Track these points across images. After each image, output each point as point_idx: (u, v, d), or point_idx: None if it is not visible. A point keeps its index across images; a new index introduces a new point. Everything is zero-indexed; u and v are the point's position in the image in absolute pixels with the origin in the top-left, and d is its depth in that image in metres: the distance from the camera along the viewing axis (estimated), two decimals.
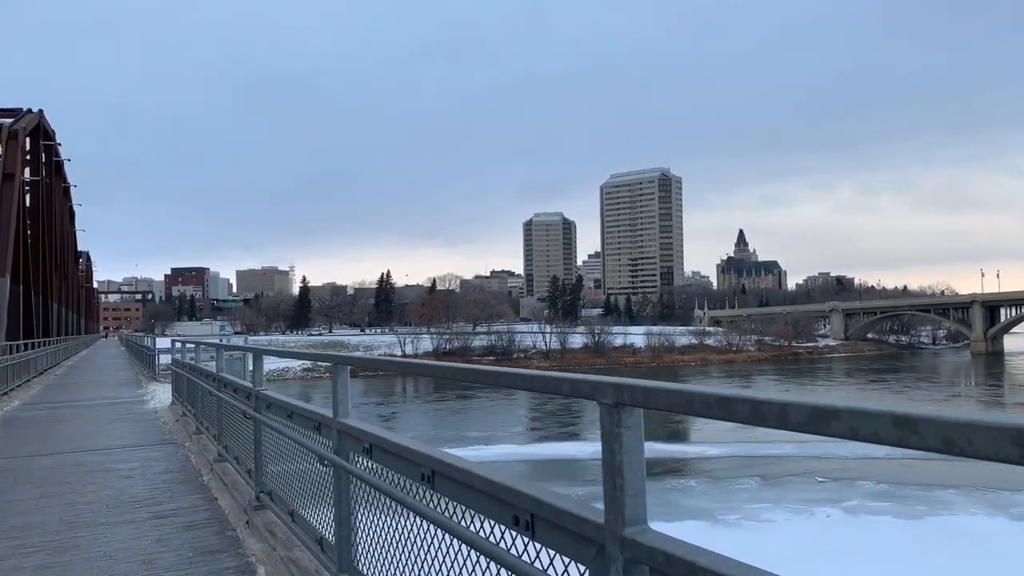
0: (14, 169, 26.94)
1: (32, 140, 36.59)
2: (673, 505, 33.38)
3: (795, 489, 35.92)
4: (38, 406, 17.33)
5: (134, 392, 19.86)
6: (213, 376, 9.97)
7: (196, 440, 11.18)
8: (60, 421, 14.33)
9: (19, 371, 21.98)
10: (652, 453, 45.58)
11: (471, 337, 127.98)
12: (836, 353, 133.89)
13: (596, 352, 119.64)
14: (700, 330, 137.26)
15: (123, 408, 16.14)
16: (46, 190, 41.78)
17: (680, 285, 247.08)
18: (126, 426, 13.38)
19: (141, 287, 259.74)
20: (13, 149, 27.47)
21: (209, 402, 10.24)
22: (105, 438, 12.07)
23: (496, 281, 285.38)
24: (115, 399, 18.20)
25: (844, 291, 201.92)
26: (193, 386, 12.46)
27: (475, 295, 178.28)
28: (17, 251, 26.42)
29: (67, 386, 23.38)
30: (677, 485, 36.58)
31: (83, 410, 16.06)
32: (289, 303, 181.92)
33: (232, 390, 8.53)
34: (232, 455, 8.56)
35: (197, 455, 10.09)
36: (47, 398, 19.45)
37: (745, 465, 41.30)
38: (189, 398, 13.00)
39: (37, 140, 37.81)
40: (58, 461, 9.90)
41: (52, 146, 43.99)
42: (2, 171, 26.99)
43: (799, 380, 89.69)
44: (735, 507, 33.05)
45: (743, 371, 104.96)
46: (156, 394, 18.36)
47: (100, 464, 9.65)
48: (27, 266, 29.04)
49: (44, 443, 11.76)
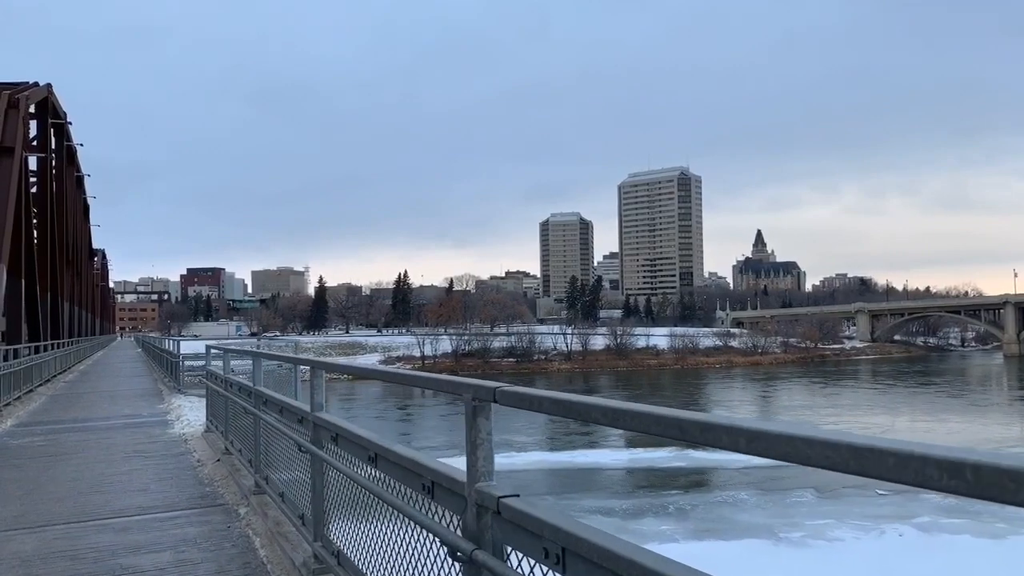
0: (14, 143, 23.45)
1: (39, 118, 33.53)
2: (728, 521, 30.92)
3: (856, 503, 33.40)
4: (35, 428, 14.06)
5: (155, 408, 16.63)
6: (291, 410, 6.24)
7: (257, 504, 7.14)
8: (58, 456, 10.72)
9: (18, 380, 18.67)
10: (690, 461, 43.25)
11: (490, 338, 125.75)
12: (864, 355, 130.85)
13: (618, 354, 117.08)
14: (724, 331, 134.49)
15: (142, 434, 12.77)
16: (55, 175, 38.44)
17: (700, 286, 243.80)
18: (147, 467, 9.77)
19: (157, 287, 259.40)
20: (13, 120, 23.85)
21: (280, 446, 6.57)
22: (118, 493, 8.28)
23: (511, 282, 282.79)
24: (132, 418, 14.92)
25: (868, 292, 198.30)
26: (234, 408, 9.24)
27: (493, 295, 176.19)
28: (18, 241, 23.50)
29: (76, 398, 19.96)
30: (727, 498, 34.11)
31: (91, 436, 12.72)
32: (306, 304, 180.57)
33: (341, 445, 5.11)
34: None
35: (266, 539, 6.21)
36: (49, 415, 16.25)
37: (794, 475, 38.72)
38: (237, 431, 9.38)
39: (45, 118, 33.88)
40: (41, 547, 6.22)
41: (63, 128, 40.21)
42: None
43: (832, 385, 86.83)
44: (795, 523, 30.56)
45: (772, 374, 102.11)
46: (183, 412, 15.11)
47: (106, 555, 5.95)
48: (31, 259, 26.08)
49: (28, 502, 7.90)
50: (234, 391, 9.49)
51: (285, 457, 6.30)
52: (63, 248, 37.94)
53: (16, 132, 23.54)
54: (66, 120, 39.26)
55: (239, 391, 9.05)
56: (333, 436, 4.79)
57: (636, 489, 35.91)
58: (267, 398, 7.20)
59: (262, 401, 7.37)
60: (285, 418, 6.31)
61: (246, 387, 8.40)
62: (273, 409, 6.86)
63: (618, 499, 33.80)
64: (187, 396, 18.37)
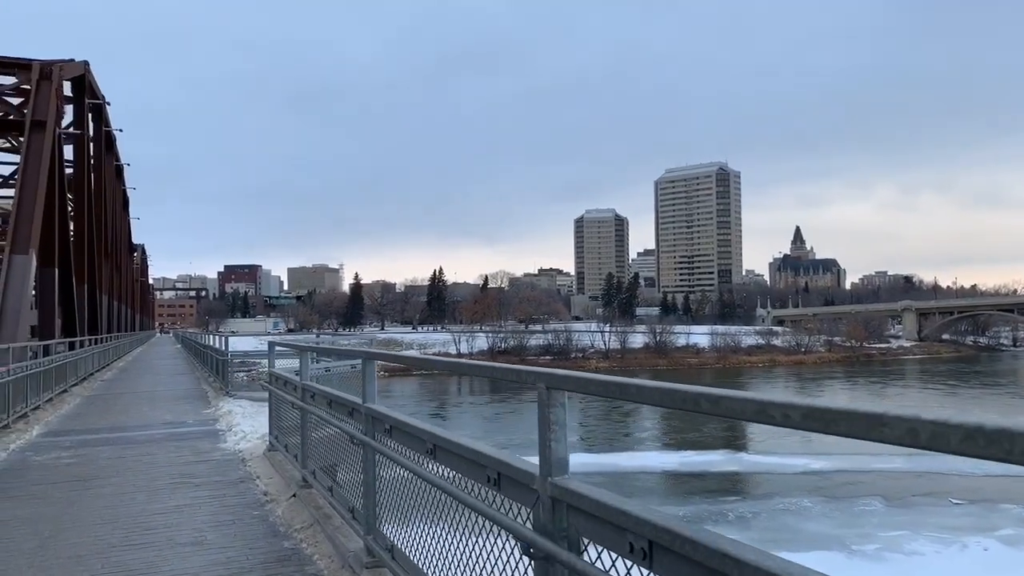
0: (45, 117, 21.29)
1: (76, 99, 30.59)
2: (794, 531, 29.03)
3: (929, 512, 31.28)
4: (64, 439, 12.07)
5: (201, 413, 14.71)
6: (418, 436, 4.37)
7: None
8: (87, 482, 8.65)
9: (49, 381, 16.82)
10: (744, 465, 41.33)
11: (527, 336, 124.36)
12: (911, 355, 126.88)
13: (658, 352, 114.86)
14: (766, 330, 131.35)
15: (189, 449, 10.68)
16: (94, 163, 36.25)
17: (738, 283, 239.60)
18: (200, 502, 7.49)
19: (195, 284, 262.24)
20: (46, 92, 21.88)
21: (414, 494, 4.45)
22: (163, 547, 6.08)
23: (545, 279, 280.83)
24: (176, 427, 12.99)
25: (913, 290, 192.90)
26: (319, 426, 7.06)
27: (528, 293, 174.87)
28: (51, 227, 21.73)
29: (113, 400, 18.06)
30: (790, 506, 32.19)
31: (128, 451, 10.66)
32: (341, 301, 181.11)
33: None
34: None
35: None
36: (81, 421, 14.31)
37: (859, 482, 36.75)
38: (322, 457, 6.98)
39: (81, 98, 30.74)
40: None
41: (101, 110, 37.89)
42: (30, 118, 21.23)
43: (887, 385, 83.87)
44: (867, 534, 28.59)
45: (817, 373, 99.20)
46: (235, 420, 12.98)
47: None
48: (66, 248, 24.31)
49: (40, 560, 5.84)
50: (321, 405, 7.01)
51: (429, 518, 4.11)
52: (102, 239, 36.27)
53: (48, 105, 21.72)
54: (104, 101, 37.11)
55: (331, 406, 6.56)
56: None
57: (691, 494, 34.16)
58: (393, 423, 4.70)
59: (384, 427, 4.85)
60: (412, 447, 4.34)
61: (346, 401, 6.02)
62: (403, 439, 4.50)
63: (673, 505, 32.07)
64: (236, 399, 16.40)
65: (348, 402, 5.91)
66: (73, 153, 30.16)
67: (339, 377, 7.39)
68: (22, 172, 20.06)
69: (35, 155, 20.38)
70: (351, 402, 5.79)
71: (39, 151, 20.51)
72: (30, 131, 20.83)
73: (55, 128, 21.89)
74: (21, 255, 18.06)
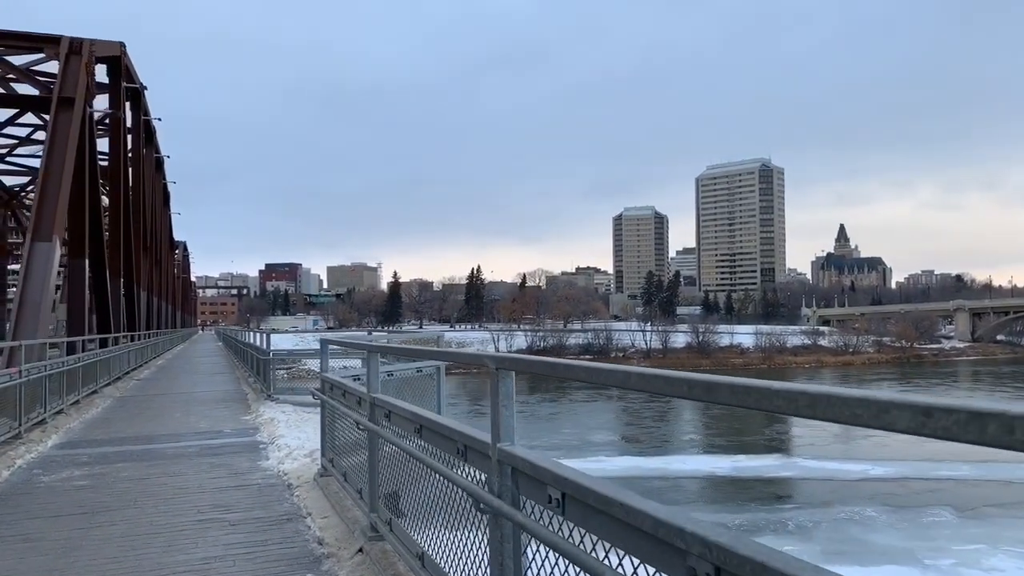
0: (74, 93, 19.61)
1: (112, 86, 28.49)
2: (859, 543, 27.26)
3: (1005, 524, 29.21)
4: (82, 452, 10.53)
5: (240, 420, 13.31)
6: None
7: None
8: (95, 515, 7.05)
9: (75, 382, 15.51)
10: (799, 471, 39.36)
11: (566, 334, 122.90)
12: (965, 356, 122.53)
13: (701, 352, 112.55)
14: (812, 330, 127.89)
15: (224, 469, 9.12)
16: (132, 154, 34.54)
17: (782, 282, 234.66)
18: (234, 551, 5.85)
19: (237, 282, 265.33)
20: (75, 67, 20.25)
21: None
22: None
23: (582, 277, 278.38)
24: (211, 438, 11.52)
25: (964, 289, 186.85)
26: (401, 460, 4.99)
27: (567, 291, 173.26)
28: (81, 215, 20.44)
29: (145, 402, 16.75)
30: (853, 515, 30.36)
31: (152, 469, 9.22)
32: (380, 299, 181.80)
33: None
34: None
35: None
36: (106, 429, 12.83)
37: (925, 490, 34.70)
38: (397, 495, 5.26)
39: (117, 82, 28.53)
40: None
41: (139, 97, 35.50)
42: (57, 94, 19.54)
43: (946, 389, 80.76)
44: (940, 547, 26.69)
45: (867, 375, 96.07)
46: (277, 431, 11.49)
47: None
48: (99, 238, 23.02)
49: None
50: (401, 425, 4.92)
51: None
52: (140, 232, 35.04)
53: (78, 81, 20.10)
54: (142, 87, 35.13)
55: (420, 433, 4.38)
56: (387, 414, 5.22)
57: (747, 501, 32.51)
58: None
59: None
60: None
61: (451, 433, 3.88)
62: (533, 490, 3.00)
63: (729, 512, 30.52)
64: (279, 404, 14.94)
65: (452, 434, 3.85)
66: (109, 144, 29.03)
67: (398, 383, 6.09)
68: (47, 153, 18.59)
69: (62, 134, 18.91)
70: (460, 435, 3.75)
71: (66, 130, 19.03)
72: (57, 108, 19.38)
73: (85, 107, 20.49)
74: (44, 243, 16.74)
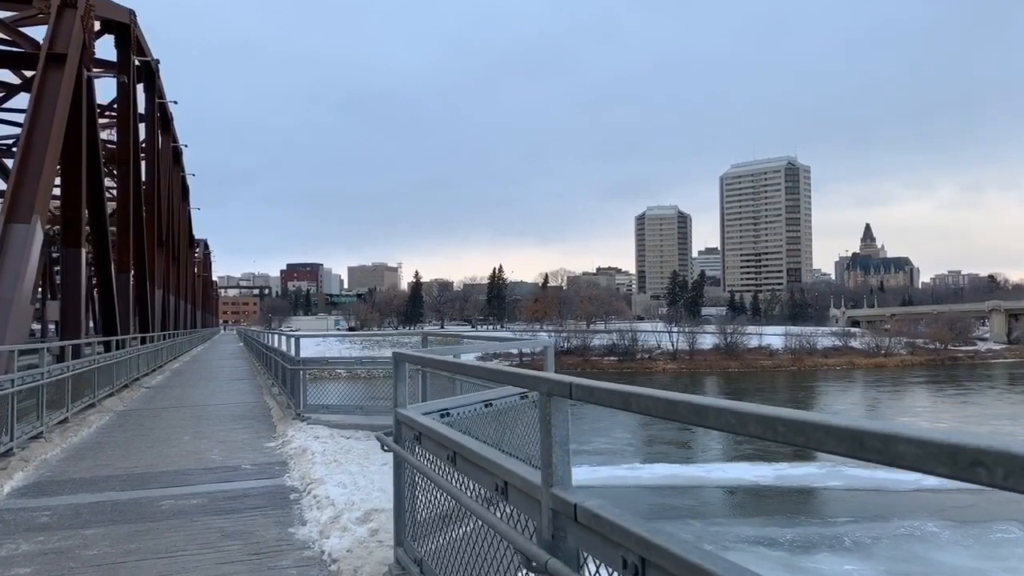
0: (66, 49, 16.61)
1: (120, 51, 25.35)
2: (926, 562, 25.10)
3: None
4: (47, 504, 7.64)
5: (263, 448, 10.63)
6: None
7: None
8: None
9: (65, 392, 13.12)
10: (847, 480, 36.93)
11: (590, 335, 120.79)
12: (1002, 358, 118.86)
13: (728, 353, 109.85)
14: (843, 331, 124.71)
15: (239, 538, 6.22)
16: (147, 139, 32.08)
17: (808, 282, 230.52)
18: None
19: (258, 282, 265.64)
20: (68, 20, 17.16)
21: None
22: None
23: (603, 278, 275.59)
24: (224, 480, 8.59)
25: (998, 289, 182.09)
26: None
27: (590, 291, 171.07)
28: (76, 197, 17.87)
29: (150, 420, 14.08)
30: (913, 530, 28.17)
31: (136, 541, 6.22)
32: (401, 298, 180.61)
33: None
34: None
35: None
36: (91, 463, 9.89)
37: (986, 502, 32.24)
38: None
39: (126, 52, 25.44)
40: None
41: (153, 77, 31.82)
42: (45, 49, 16.56)
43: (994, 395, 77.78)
44: (1013, 568, 24.44)
45: (902, 377, 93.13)
46: (313, 470, 8.62)
47: None
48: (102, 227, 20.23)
49: None
50: None
51: None
52: (154, 226, 32.13)
53: (70, 36, 17.05)
54: (155, 61, 31.04)
55: None
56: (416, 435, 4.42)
57: (797, 514, 30.40)
58: None
59: None
60: None
61: None
62: None
63: (779, 526, 28.46)
64: (311, 425, 12.24)
65: None
66: (117, 121, 26.26)
67: (496, 415, 4.07)
68: (30, 116, 15.59)
69: (50, 96, 15.88)
70: None
71: (55, 92, 16.00)
72: (45, 66, 16.39)
73: (81, 68, 17.69)
74: (21, 224, 13.70)
